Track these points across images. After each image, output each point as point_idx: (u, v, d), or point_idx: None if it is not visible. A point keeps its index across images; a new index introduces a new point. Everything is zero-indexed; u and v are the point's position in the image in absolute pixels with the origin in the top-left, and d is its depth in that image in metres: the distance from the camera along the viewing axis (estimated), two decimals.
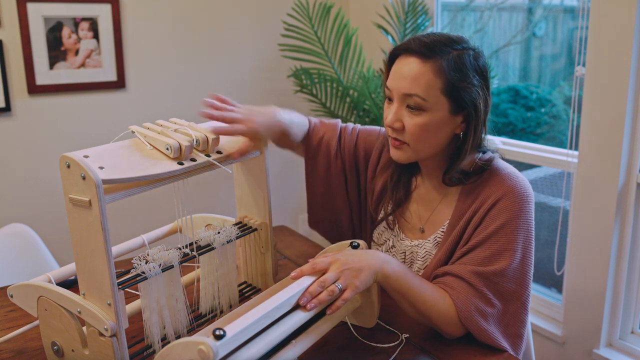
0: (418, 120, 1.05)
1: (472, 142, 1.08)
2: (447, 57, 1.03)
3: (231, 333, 0.78)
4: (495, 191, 1.07)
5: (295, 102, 2.87)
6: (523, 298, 1.06)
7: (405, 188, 1.22)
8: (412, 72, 1.04)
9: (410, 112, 1.05)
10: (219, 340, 0.76)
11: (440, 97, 1.04)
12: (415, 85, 1.03)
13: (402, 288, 1.02)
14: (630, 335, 1.98)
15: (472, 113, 1.06)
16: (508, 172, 1.09)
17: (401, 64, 1.06)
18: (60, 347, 0.96)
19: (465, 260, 1.06)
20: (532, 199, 1.08)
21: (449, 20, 2.65)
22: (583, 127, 1.90)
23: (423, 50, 1.03)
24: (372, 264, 1.00)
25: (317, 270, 0.98)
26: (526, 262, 1.06)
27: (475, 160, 1.11)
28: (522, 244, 1.05)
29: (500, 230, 1.04)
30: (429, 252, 1.17)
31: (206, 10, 2.61)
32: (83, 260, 0.88)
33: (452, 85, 1.03)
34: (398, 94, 1.06)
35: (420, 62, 1.03)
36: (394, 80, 1.07)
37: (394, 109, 1.07)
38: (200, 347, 0.74)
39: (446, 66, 1.02)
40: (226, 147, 1.06)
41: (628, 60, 1.73)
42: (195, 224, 1.24)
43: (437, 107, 1.04)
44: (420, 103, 1.03)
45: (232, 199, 1.44)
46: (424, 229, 1.19)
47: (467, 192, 1.11)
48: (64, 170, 0.84)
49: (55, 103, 2.35)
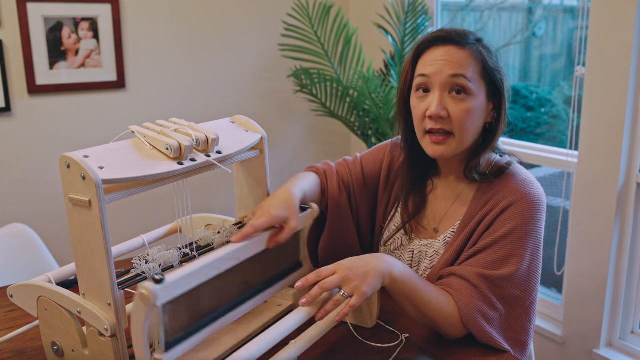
0: (464, 105, 1.04)
1: (501, 130, 1.09)
2: (478, 43, 1.07)
3: (171, 279, 0.79)
4: (508, 196, 1.06)
5: (295, 102, 2.88)
6: (527, 305, 1.05)
7: (421, 195, 1.20)
8: (454, 56, 1.04)
9: (455, 98, 1.04)
10: (159, 284, 0.77)
11: (480, 80, 1.05)
12: (460, 67, 1.04)
13: (408, 291, 1.01)
14: (630, 335, 1.98)
15: (504, 96, 1.08)
16: (524, 178, 1.09)
17: (438, 52, 1.06)
18: (60, 347, 0.96)
19: (472, 262, 1.06)
20: (544, 207, 1.07)
21: (449, 20, 2.65)
22: (583, 127, 1.90)
23: (457, 38, 1.06)
24: (379, 267, 0.98)
25: (322, 278, 0.96)
26: (533, 269, 1.05)
27: (493, 162, 1.12)
28: (530, 251, 1.04)
29: (509, 236, 1.04)
30: (437, 252, 1.16)
31: (206, 10, 2.61)
32: (83, 260, 0.88)
33: (490, 68, 1.06)
34: (441, 79, 1.04)
35: (458, 48, 1.05)
36: (434, 66, 1.05)
37: (437, 97, 1.05)
38: (142, 290, 0.76)
39: (483, 50, 1.06)
40: (226, 147, 1.06)
41: (628, 60, 1.73)
42: (195, 224, 1.24)
43: (478, 91, 1.05)
44: (466, 86, 1.04)
45: (232, 199, 1.44)
46: (438, 229, 1.18)
47: (481, 194, 1.11)
48: (64, 170, 0.84)
49: (55, 103, 2.35)
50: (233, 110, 2.56)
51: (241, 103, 2.77)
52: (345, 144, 3.15)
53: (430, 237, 1.19)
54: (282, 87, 2.85)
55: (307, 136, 3.03)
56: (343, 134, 3.11)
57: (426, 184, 1.21)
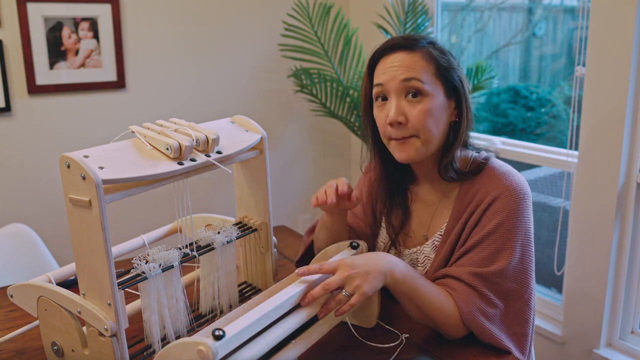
0: (421, 107, 1.05)
1: (467, 125, 1.10)
2: (428, 45, 1.08)
3: (230, 333, 0.78)
4: (491, 191, 1.06)
5: (295, 102, 2.88)
6: (525, 297, 1.05)
7: (403, 207, 1.21)
8: (404, 61, 1.06)
9: (411, 101, 1.06)
10: (219, 340, 0.76)
11: (435, 80, 1.06)
12: (411, 70, 1.05)
13: (409, 290, 1.01)
14: (630, 335, 1.98)
15: (463, 93, 1.09)
16: (504, 170, 1.09)
17: (389, 60, 1.08)
18: (60, 347, 0.96)
19: (464, 261, 1.06)
20: (529, 197, 1.07)
21: (449, 20, 2.65)
22: (583, 127, 1.90)
23: (406, 43, 1.08)
24: (381, 267, 0.98)
25: (323, 272, 0.97)
26: (526, 260, 1.05)
27: (470, 159, 1.12)
28: (520, 242, 1.04)
29: (497, 230, 1.04)
30: (427, 257, 1.16)
31: (206, 10, 2.61)
32: (83, 260, 0.88)
33: (442, 67, 1.07)
34: (395, 85, 1.06)
35: (408, 53, 1.07)
36: (387, 74, 1.07)
37: (394, 103, 1.06)
38: (200, 347, 0.74)
39: (433, 51, 1.07)
40: (226, 147, 1.06)
41: (628, 60, 1.73)
42: (195, 224, 1.24)
43: (435, 92, 1.06)
44: (420, 87, 1.05)
45: (232, 199, 1.44)
46: (427, 236, 1.19)
47: (464, 193, 1.11)
48: (64, 170, 0.84)
49: (55, 103, 2.35)
50: (233, 110, 2.56)
51: (241, 103, 2.77)
52: (345, 144, 3.15)
53: (419, 244, 1.19)
54: (282, 87, 2.85)
55: (307, 136, 3.03)
56: (343, 134, 3.11)
57: (407, 196, 1.22)
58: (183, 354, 0.77)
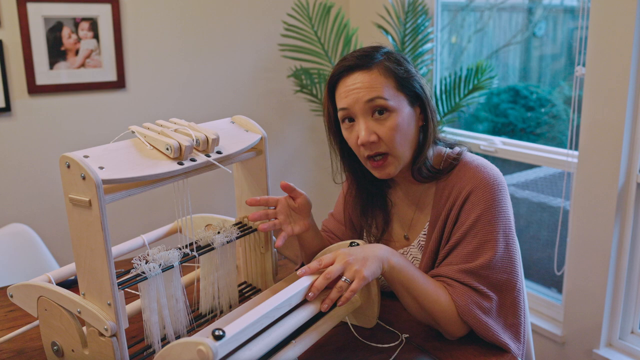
0: (389, 123, 1.06)
1: (434, 126, 1.11)
2: (383, 59, 1.07)
3: (230, 333, 0.78)
4: (466, 185, 1.07)
5: (295, 102, 2.88)
6: (518, 285, 1.06)
7: (384, 214, 1.23)
8: (364, 81, 1.06)
9: (379, 119, 1.06)
10: (219, 340, 0.76)
11: (397, 94, 1.06)
12: (373, 89, 1.05)
13: (406, 280, 1.02)
14: (630, 335, 1.98)
15: (425, 98, 1.09)
16: (476, 164, 1.10)
17: (348, 82, 1.07)
18: (60, 347, 0.96)
19: (450, 259, 1.07)
20: (504, 186, 1.08)
21: (449, 20, 2.65)
22: (583, 127, 1.90)
23: (362, 62, 1.07)
24: (378, 253, 1.00)
25: (323, 267, 0.98)
26: (510, 249, 1.06)
27: (444, 155, 1.13)
28: (502, 233, 1.05)
29: (477, 224, 1.05)
30: (415, 257, 1.18)
31: (206, 10, 2.61)
32: (83, 260, 0.88)
33: (402, 79, 1.07)
34: (360, 107, 1.06)
35: (366, 72, 1.06)
36: (350, 97, 1.07)
37: (362, 125, 1.06)
38: (200, 347, 0.74)
39: (389, 64, 1.07)
40: (226, 147, 1.06)
41: (628, 60, 1.73)
42: (195, 224, 1.24)
43: (399, 105, 1.06)
44: (384, 104, 1.05)
45: (232, 199, 1.44)
46: (408, 236, 1.20)
47: (441, 190, 1.12)
48: (64, 170, 0.84)
49: (55, 103, 2.35)
50: (233, 110, 2.56)
51: (241, 103, 2.77)
52: None
53: (404, 245, 1.21)
54: (282, 87, 2.85)
55: (307, 136, 3.03)
56: None
57: (386, 202, 1.23)
58: (183, 354, 0.77)
